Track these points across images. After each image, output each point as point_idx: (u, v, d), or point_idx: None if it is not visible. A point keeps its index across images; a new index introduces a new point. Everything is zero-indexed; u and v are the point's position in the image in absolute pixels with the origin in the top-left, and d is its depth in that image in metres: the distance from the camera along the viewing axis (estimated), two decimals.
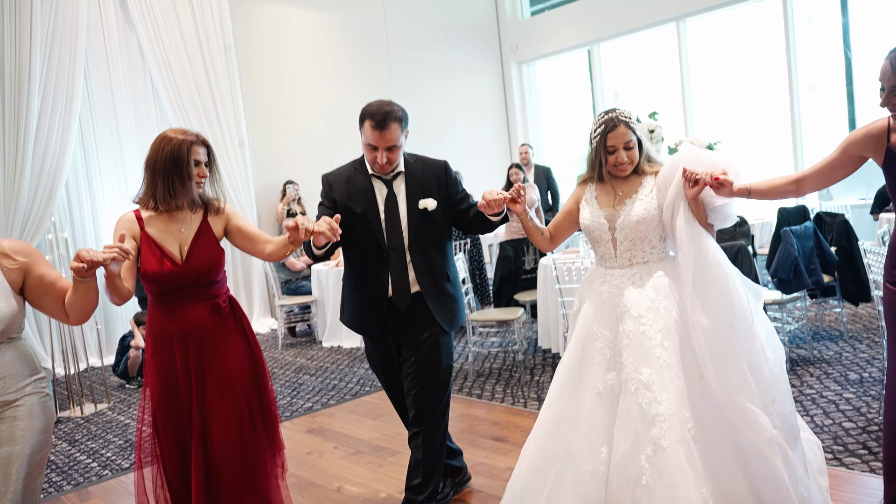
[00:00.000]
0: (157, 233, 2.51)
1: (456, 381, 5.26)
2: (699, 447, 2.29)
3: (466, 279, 5.66)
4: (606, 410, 2.45)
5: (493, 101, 11.18)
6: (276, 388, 5.54)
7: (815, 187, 2.49)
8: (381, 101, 2.77)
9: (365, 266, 2.84)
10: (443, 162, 2.96)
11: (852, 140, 2.35)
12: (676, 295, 2.47)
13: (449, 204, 2.90)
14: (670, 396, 2.31)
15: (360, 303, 2.89)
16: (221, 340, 2.55)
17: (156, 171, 2.49)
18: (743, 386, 2.32)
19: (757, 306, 2.50)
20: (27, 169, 6.58)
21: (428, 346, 2.85)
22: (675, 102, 9.37)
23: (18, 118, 6.52)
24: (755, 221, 6.96)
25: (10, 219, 6.54)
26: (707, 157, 2.50)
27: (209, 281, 2.55)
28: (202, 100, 7.90)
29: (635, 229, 2.53)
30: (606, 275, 2.61)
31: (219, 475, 2.50)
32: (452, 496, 3.14)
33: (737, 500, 2.30)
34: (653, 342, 2.39)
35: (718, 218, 2.52)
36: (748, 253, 3.93)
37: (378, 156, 2.74)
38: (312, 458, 3.96)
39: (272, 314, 8.53)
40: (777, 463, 2.27)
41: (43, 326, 6.77)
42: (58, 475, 4.13)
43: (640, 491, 2.26)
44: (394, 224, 2.80)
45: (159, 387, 2.52)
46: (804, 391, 4.10)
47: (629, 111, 2.58)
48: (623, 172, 2.59)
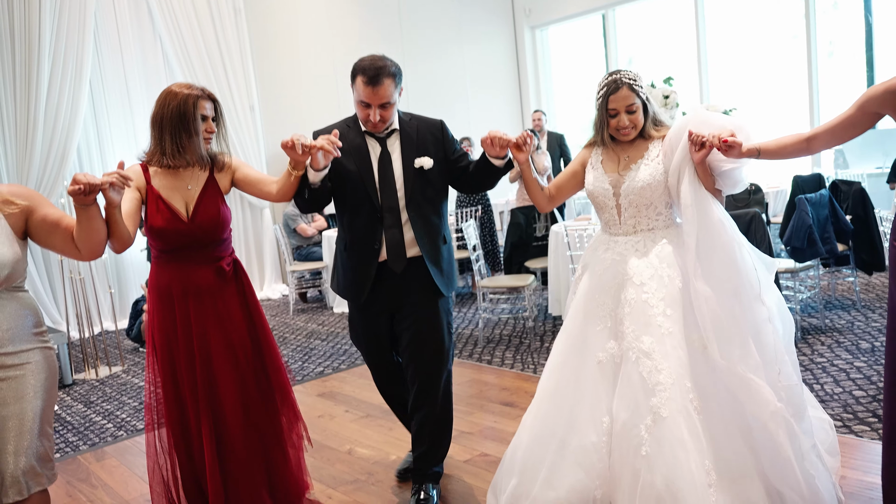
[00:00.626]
0: (164, 189, 2.48)
1: (466, 346, 5.29)
2: (702, 418, 2.24)
3: (477, 246, 5.66)
4: (608, 380, 2.41)
5: (506, 66, 11.04)
6: (287, 353, 5.59)
7: (827, 145, 2.40)
8: (373, 55, 2.62)
9: (357, 226, 2.71)
10: (439, 121, 2.83)
11: (871, 96, 2.29)
12: (681, 263, 2.40)
13: (446, 163, 2.77)
14: (671, 365, 2.27)
15: (350, 265, 2.75)
16: (223, 305, 2.53)
17: (163, 126, 2.45)
18: (746, 356, 2.24)
19: (767, 277, 2.41)
20: (39, 134, 6.59)
21: (430, 314, 2.74)
22: (691, 68, 9.21)
23: (29, 83, 6.51)
24: (769, 189, 6.89)
25: (24, 182, 6.56)
26: (715, 120, 2.39)
27: (215, 239, 2.53)
28: (212, 63, 7.85)
29: (640, 195, 2.46)
30: (610, 242, 2.55)
31: (229, 442, 2.51)
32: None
33: (740, 473, 2.23)
34: (655, 310, 2.35)
35: (727, 183, 2.42)
36: (762, 221, 3.89)
37: (371, 113, 2.60)
38: (324, 421, 4.01)
39: (283, 280, 8.58)
40: (781, 437, 2.20)
41: (57, 290, 6.84)
42: (74, 435, 4.21)
43: (640, 461, 2.23)
44: (388, 183, 2.67)
45: (162, 344, 2.52)
46: (815, 360, 4.09)
47: (636, 73, 2.48)
48: (625, 137, 2.51)
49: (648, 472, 2.20)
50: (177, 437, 2.55)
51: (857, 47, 8.06)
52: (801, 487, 2.20)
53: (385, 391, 3.05)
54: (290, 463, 2.68)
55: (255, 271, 8.49)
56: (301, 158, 2.41)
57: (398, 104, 2.69)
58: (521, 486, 2.49)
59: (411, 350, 2.75)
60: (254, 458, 2.55)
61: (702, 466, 2.17)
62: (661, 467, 2.18)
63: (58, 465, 3.72)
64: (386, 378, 2.99)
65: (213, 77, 7.85)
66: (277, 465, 2.63)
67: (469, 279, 7.49)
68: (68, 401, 4.92)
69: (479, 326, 5.49)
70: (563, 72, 11.13)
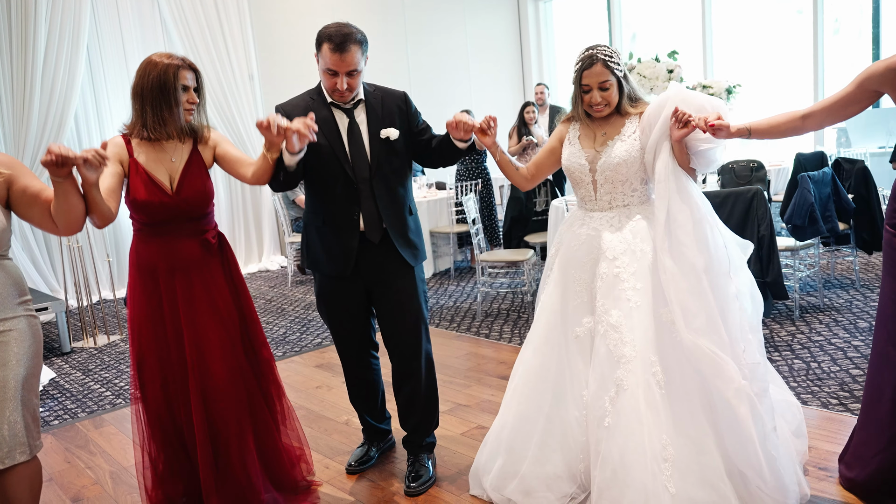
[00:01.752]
0: (147, 161, 2.43)
1: (464, 320, 5.29)
2: (664, 392, 2.25)
3: (477, 220, 5.64)
4: (586, 354, 2.44)
5: (508, 39, 10.92)
6: (285, 324, 5.60)
7: (822, 124, 2.39)
8: (338, 22, 2.57)
9: (333, 199, 2.65)
10: (402, 92, 2.79)
11: (872, 73, 2.25)
12: (655, 238, 2.40)
13: (410, 135, 2.74)
14: (636, 338, 2.29)
15: (330, 238, 2.69)
16: (210, 278, 2.50)
17: (143, 97, 2.39)
18: (712, 332, 2.24)
19: (739, 257, 2.43)
20: (35, 101, 6.52)
21: (406, 285, 2.73)
22: (696, 43, 9.12)
23: (26, 49, 6.43)
24: (771, 167, 6.85)
25: (21, 151, 6.51)
26: (695, 99, 2.39)
27: (200, 214, 2.50)
28: (211, 32, 7.76)
29: (616, 171, 2.46)
30: (586, 217, 2.55)
31: (218, 410, 2.48)
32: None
33: (701, 450, 2.23)
34: (625, 284, 2.36)
35: (701, 162, 2.43)
36: (763, 198, 3.86)
37: (338, 81, 2.55)
38: (321, 391, 4.02)
39: (282, 251, 8.56)
40: (744, 414, 2.19)
41: (55, 259, 6.82)
42: (72, 402, 4.22)
43: (602, 432, 2.27)
44: (359, 154, 2.64)
45: (144, 321, 2.47)
46: (812, 338, 4.10)
47: (613, 49, 2.45)
48: (598, 113, 2.50)
49: (608, 442, 2.24)
50: (161, 415, 2.51)
51: (864, 24, 7.97)
52: (762, 469, 2.20)
53: (352, 375, 2.94)
54: (281, 439, 2.68)
55: (253, 243, 8.47)
56: (276, 140, 2.37)
57: (364, 73, 2.64)
58: (508, 465, 2.51)
59: (389, 320, 2.75)
60: (245, 430, 2.53)
61: (658, 440, 2.18)
62: (619, 437, 2.21)
63: (56, 431, 3.75)
64: (355, 356, 2.89)
65: (212, 45, 7.77)
66: (268, 436, 2.62)
67: (468, 253, 7.48)
68: (67, 368, 4.93)
69: (478, 300, 5.49)
70: (567, 45, 11.01)
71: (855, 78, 2.31)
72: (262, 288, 7.26)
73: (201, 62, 7.75)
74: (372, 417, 3.04)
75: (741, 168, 5.14)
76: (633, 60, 4.85)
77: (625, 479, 2.18)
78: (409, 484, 2.77)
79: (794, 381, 3.51)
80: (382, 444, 3.11)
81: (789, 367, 3.70)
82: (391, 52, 9.40)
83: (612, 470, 2.21)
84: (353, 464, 2.99)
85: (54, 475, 3.24)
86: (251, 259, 8.47)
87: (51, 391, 4.45)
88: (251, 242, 8.43)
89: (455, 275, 6.99)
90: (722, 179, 5.22)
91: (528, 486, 2.45)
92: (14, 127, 6.51)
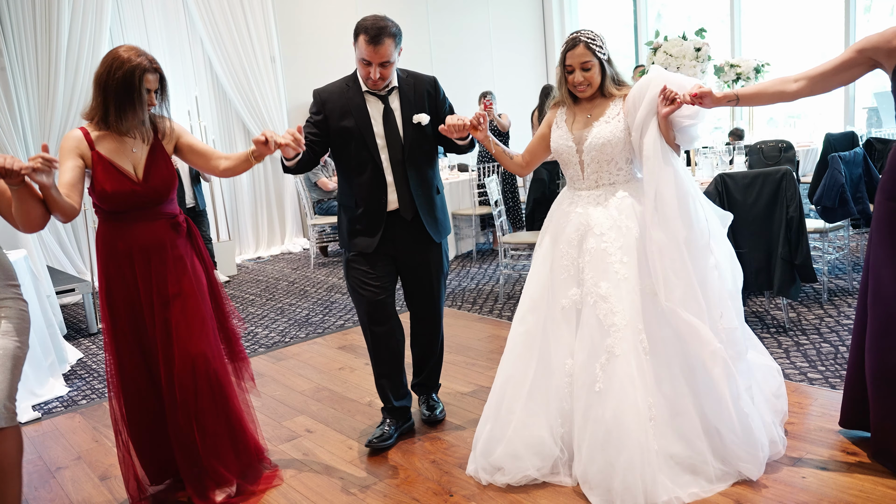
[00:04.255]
0: (110, 152, 2.47)
1: (486, 302, 5.27)
2: (649, 358, 2.43)
3: (499, 201, 5.60)
4: (571, 324, 2.58)
5: (532, 19, 10.79)
6: (307, 307, 5.63)
7: (813, 91, 2.42)
8: (375, 15, 2.76)
9: (364, 183, 2.86)
10: (432, 77, 2.99)
11: (875, 41, 2.28)
12: (639, 214, 2.54)
13: (438, 120, 2.89)
14: (625, 308, 2.44)
15: (360, 220, 2.91)
16: (179, 259, 2.57)
17: (107, 92, 2.42)
18: (691, 300, 2.41)
19: (719, 229, 2.59)
20: (60, 85, 6.57)
21: (430, 258, 3.00)
22: (724, 21, 8.94)
23: (50, 33, 6.47)
24: (800, 148, 6.71)
25: (46, 136, 6.57)
26: (676, 80, 2.53)
27: (167, 199, 2.57)
28: (233, 14, 7.76)
29: (601, 151, 2.58)
30: (574, 196, 2.68)
31: (193, 388, 2.53)
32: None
33: (680, 411, 2.43)
34: (613, 258, 2.50)
35: (685, 139, 2.56)
36: (793, 178, 3.78)
37: (371, 71, 2.76)
38: (344, 373, 4.03)
39: (304, 234, 8.60)
40: (718, 375, 2.38)
41: (82, 242, 6.91)
42: (100, 382, 4.28)
43: (593, 397, 2.41)
44: (393, 139, 2.85)
45: (121, 306, 2.53)
46: (840, 321, 4.02)
47: (596, 33, 2.60)
48: (581, 94, 2.63)
49: (599, 406, 2.39)
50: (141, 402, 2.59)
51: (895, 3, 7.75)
52: (734, 425, 2.39)
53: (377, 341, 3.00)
54: (250, 419, 2.78)
55: (276, 225, 8.51)
56: (267, 153, 2.51)
57: (397, 63, 2.85)
58: (495, 429, 2.64)
59: (414, 284, 3.05)
60: (219, 408, 2.60)
61: (646, 402, 2.37)
62: (611, 401, 2.37)
63: (84, 411, 3.81)
64: (382, 322, 2.97)
65: (234, 28, 7.77)
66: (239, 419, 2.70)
67: (490, 235, 7.44)
68: (94, 349, 5.00)
69: (500, 282, 5.47)
70: (591, 24, 10.83)
71: (852, 45, 2.33)
72: (285, 270, 7.30)
73: (223, 44, 7.76)
74: (393, 391, 3.07)
75: (770, 148, 5.04)
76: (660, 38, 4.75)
77: (620, 437, 2.33)
78: (426, 413, 3.20)
79: (822, 364, 3.45)
80: (403, 425, 3.13)
81: (817, 350, 3.64)
82: (413, 31, 9.33)
83: (605, 430, 2.36)
84: (373, 440, 3.02)
85: (82, 454, 3.29)
86: (273, 241, 8.51)
87: (79, 371, 4.51)
88: (273, 225, 8.47)
89: (477, 257, 6.97)
90: (750, 160, 5.13)
91: (514, 450, 2.57)
92: (40, 111, 6.56)
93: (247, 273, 7.43)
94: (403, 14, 9.19)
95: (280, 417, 3.48)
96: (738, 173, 3.93)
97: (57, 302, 4.98)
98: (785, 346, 3.73)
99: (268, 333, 5.02)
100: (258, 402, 3.62)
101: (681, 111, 2.49)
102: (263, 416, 3.47)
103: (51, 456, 3.30)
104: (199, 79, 7.88)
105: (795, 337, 3.86)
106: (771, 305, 4.43)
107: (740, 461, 2.43)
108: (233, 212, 8.23)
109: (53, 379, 4.21)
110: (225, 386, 2.63)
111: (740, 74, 5.34)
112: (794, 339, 3.83)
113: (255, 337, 4.97)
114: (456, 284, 5.94)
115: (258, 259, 8.17)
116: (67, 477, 3.06)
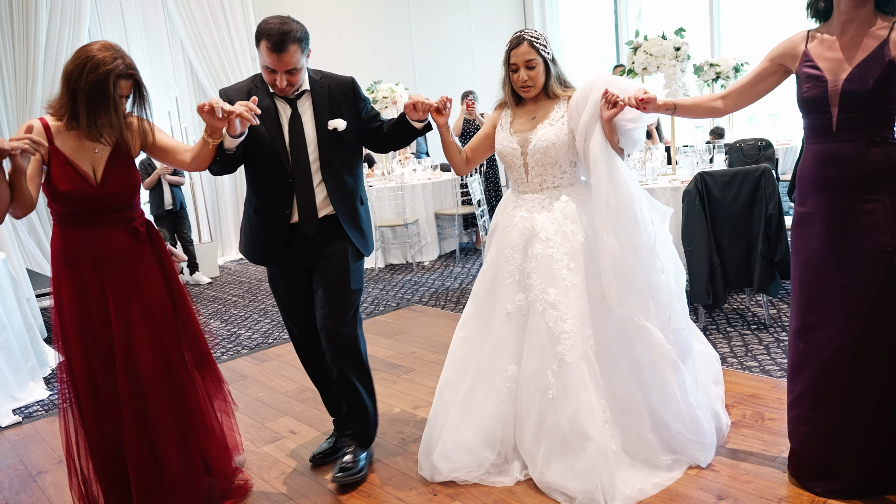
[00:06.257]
0: (69, 150, 2.29)
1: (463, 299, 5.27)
2: (599, 362, 2.46)
3: (482, 201, 5.61)
4: (515, 330, 2.58)
5: (513, 20, 10.81)
6: None
7: (737, 105, 2.47)
8: (279, 17, 2.48)
9: (266, 189, 2.62)
10: (350, 78, 2.73)
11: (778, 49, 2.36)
12: (584, 219, 2.55)
13: (359, 122, 2.69)
14: (574, 315, 2.45)
15: (258, 229, 2.66)
16: (138, 267, 2.39)
17: (77, 94, 2.24)
18: (642, 304, 2.45)
19: (663, 232, 2.60)
20: (38, 82, 6.50)
21: (342, 272, 2.64)
22: (703, 21, 9.01)
23: (27, 32, 6.40)
24: (779, 146, 6.79)
25: None
26: (618, 82, 2.54)
27: (125, 205, 2.39)
28: (213, 13, 7.71)
29: (545, 154, 2.57)
30: (518, 199, 2.66)
31: (151, 410, 2.37)
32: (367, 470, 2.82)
33: (632, 410, 2.49)
34: (559, 264, 2.50)
35: (628, 142, 2.56)
36: (772, 176, 3.82)
37: (277, 79, 2.50)
38: None
39: None
40: (668, 374, 2.46)
41: None
42: None
43: (546, 404, 2.44)
44: (299, 146, 2.57)
45: (72, 317, 2.33)
46: None
47: (540, 33, 2.59)
48: (526, 94, 2.61)
49: (554, 414, 2.42)
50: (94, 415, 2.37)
51: None
52: (683, 417, 2.49)
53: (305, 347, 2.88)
54: (216, 427, 2.60)
55: None
56: (219, 124, 2.32)
57: (306, 66, 2.59)
58: (434, 430, 2.67)
59: (321, 301, 2.65)
60: (180, 422, 2.45)
61: (600, 405, 2.41)
62: (567, 408, 2.40)
63: None
64: (306, 340, 2.84)
65: (214, 26, 7.72)
66: (204, 429, 2.54)
67: (473, 235, 7.46)
68: None
69: None
70: (572, 27, 10.90)
71: (766, 54, 2.39)
72: None
73: (203, 43, 7.71)
74: (331, 409, 2.97)
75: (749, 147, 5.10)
76: (640, 38, 4.78)
77: (577, 444, 2.37)
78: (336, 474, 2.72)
79: None
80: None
81: None
82: (394, 31, 9.32)
83: (561, 437, 2.40)
84: (316, 456, 2.90)
85: (64, 457, 3.25)
86: None
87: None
88: None
89: (460, 256, 6.98)
90: (730, 158, 5.18)
91: (447, 452, 2.61)
92: (18, 109, 6.49)
93: (229, 274, 7.39)
94: (385, 14, 9.19)
95: (263, 419, 3.47)
96: (717, 171, 3.97)
97: (37, 305, 4.93)
98: (766, 343, 3.77)
99: (251, 335, 5.00)
100: (241, 403, 3.60)
101: (623, 114, 2.48)
102: (247, 418, 3.45)
103: (32, 460, 3.26)
104: (179, 79, 7.83)
105: (776, 333, 3.90)
106: (751, 302, 4.48)
107: (689, 449, 2.52)
108: (214, 213, 8.18)
109: (34, 382, 4.17)
110: (187, 398, 2.47)
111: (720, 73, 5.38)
112: (774, 335, 3.88)
113: (238, 338, 4.94)
114: (440, 284, 5.95)
115: (240, 261, 8.13)
116: (49, 481, 3.03)
